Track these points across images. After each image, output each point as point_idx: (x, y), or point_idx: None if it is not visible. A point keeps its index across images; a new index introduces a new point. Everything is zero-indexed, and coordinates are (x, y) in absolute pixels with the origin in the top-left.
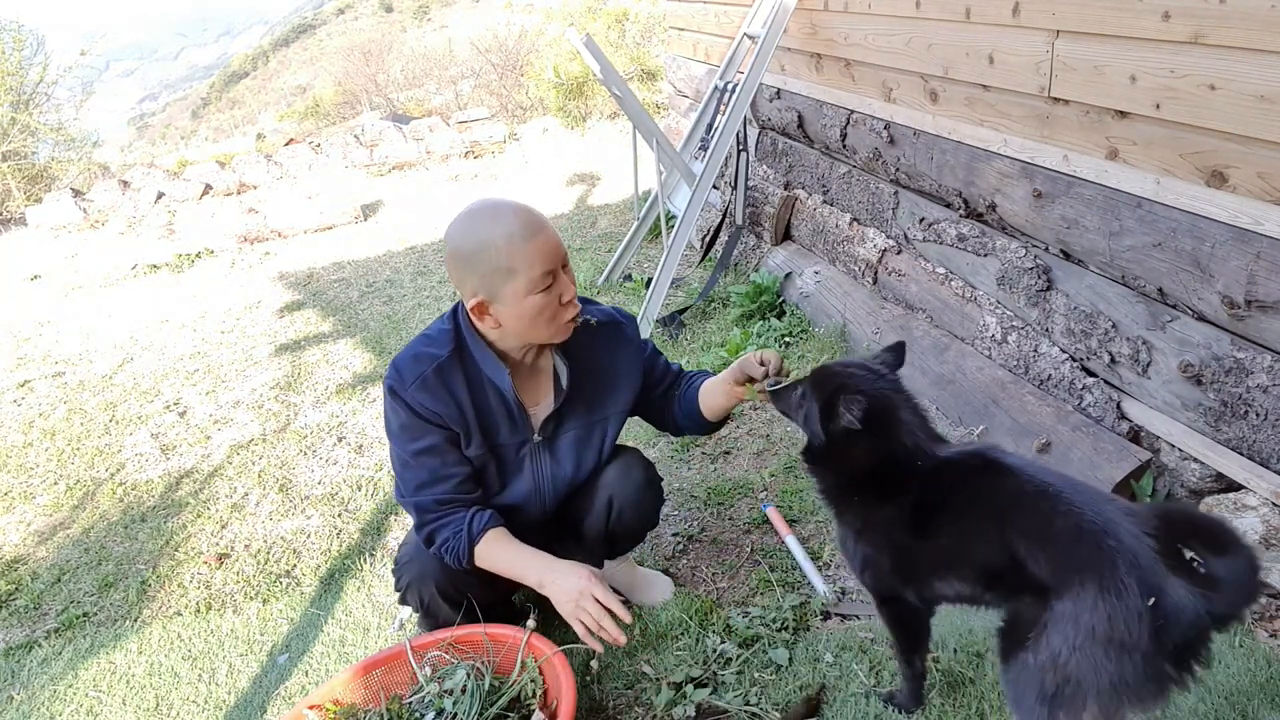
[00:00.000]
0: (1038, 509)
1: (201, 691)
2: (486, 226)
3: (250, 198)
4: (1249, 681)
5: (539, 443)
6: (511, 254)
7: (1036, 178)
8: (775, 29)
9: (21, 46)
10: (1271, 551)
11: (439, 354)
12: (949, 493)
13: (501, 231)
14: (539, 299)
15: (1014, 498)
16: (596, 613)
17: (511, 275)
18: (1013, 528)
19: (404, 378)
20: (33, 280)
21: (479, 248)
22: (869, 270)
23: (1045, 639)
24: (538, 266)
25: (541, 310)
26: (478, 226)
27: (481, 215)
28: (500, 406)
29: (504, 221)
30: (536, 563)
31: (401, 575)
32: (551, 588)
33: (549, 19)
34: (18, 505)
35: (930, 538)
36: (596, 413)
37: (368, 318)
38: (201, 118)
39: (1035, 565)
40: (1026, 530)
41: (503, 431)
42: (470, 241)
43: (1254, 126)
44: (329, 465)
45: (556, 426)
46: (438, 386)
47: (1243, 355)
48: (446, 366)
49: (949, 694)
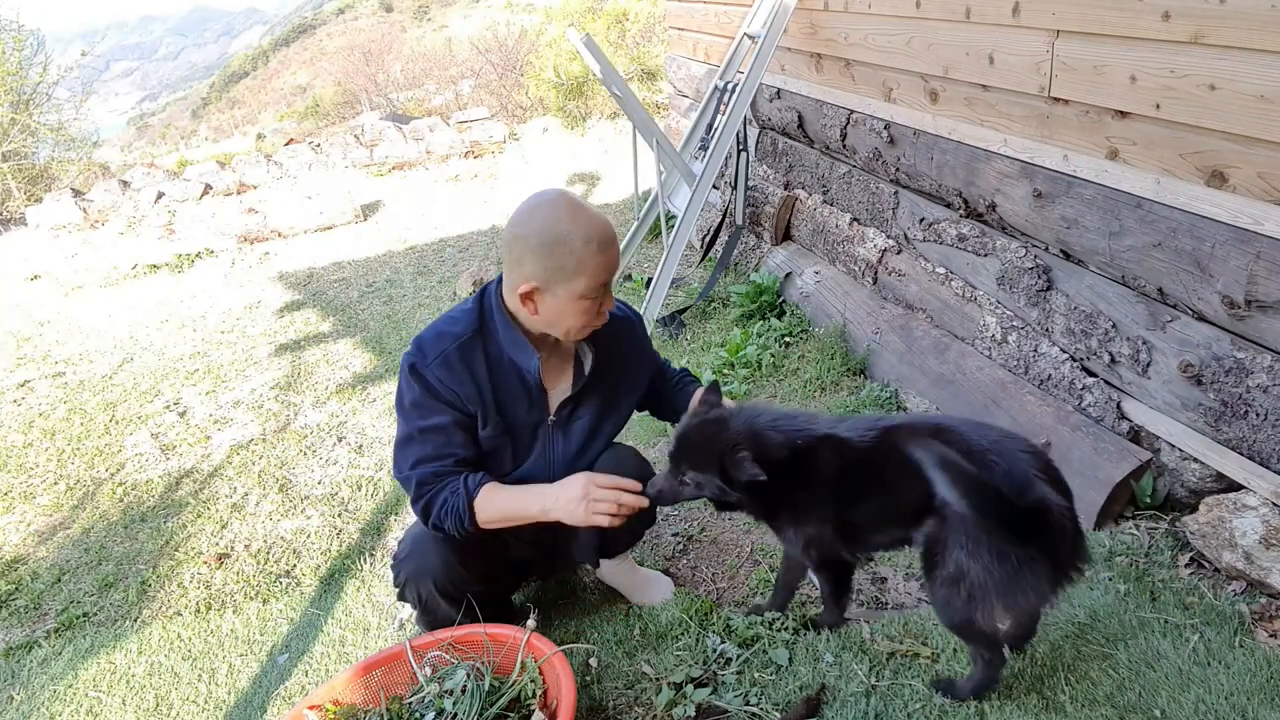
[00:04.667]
0: (945, 442)
1: (201, 691)
2: (568, 223)
3: (250, 198)
4: (1249, 681)
5: (553, 424)
6: (584, 257)
7: (1036, 178)
8: (775, 29)
9: (21, 46)
10: (1271, 551)
11: (462, 333)
12: (866, 466)
13: (582, 233)
14: (587, 304)
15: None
16: (610, 498)
17: (575, 276)
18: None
19: (426, 354)
20: (33, 280)
21: (555, 241)
22: (869, 270)
23: (949, 549)
24: (600, 276)
25: (584, 314)
26: (560, 220)
27: (563, 209)
28: (520, 387)
29: (585, 224)
30: (533, 494)
31: (400, 570)
32: (556, 508)
33: (549, 19)
34: (18, 505)
35: (862, 503)
36: (610, 401)
37: (368, 318)
38: (201, 118)
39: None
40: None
41: (520, 412)
42: (549, 232)
43: (1254, 126)
44: (329, 465)
45: (572, 410)
46: (459, 364)
47: (1243, 355)
48: (469, 345)
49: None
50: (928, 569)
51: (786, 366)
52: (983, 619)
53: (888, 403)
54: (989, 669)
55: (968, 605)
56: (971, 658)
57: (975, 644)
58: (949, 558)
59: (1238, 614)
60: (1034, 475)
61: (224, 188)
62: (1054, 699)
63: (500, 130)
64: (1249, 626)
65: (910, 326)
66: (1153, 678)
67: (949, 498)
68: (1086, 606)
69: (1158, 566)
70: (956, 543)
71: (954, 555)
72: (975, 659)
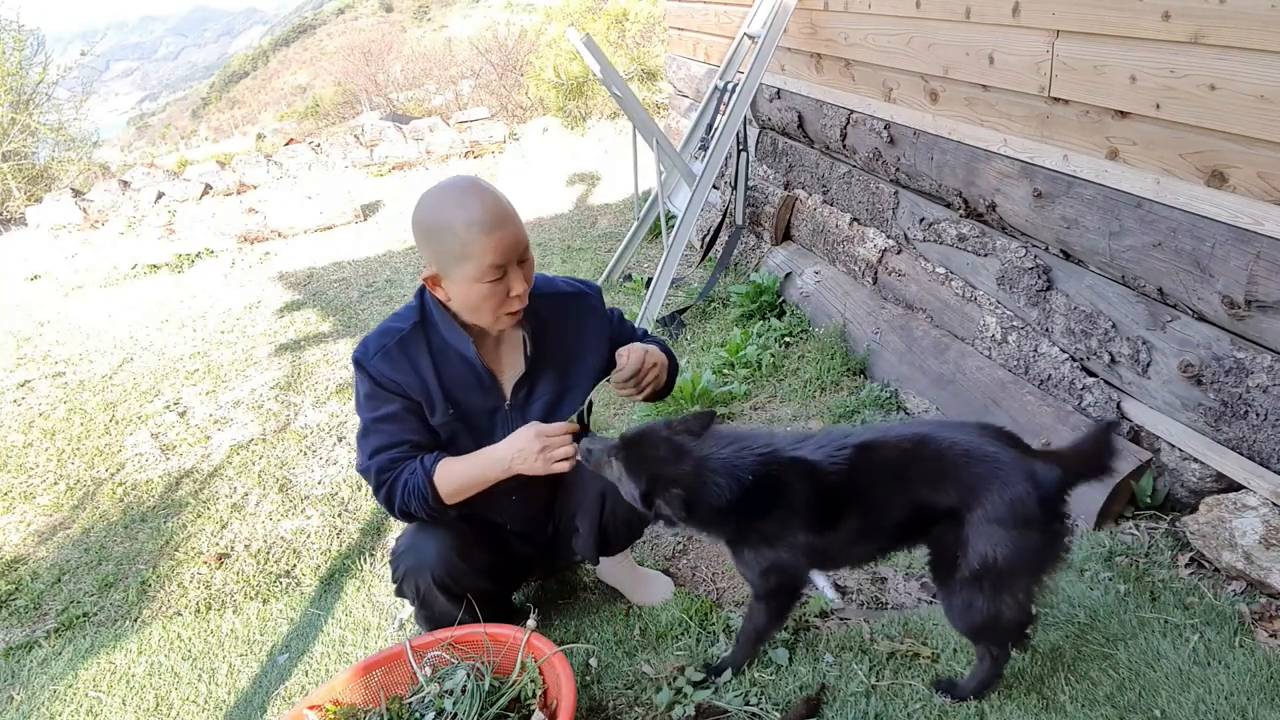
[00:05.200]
0: (925, 456)
1: (201, 691)
2: (452, 207)
3: (250, 198)
4: (1249, 681)
5: (510, 408)
6: (467, 241)
7: (1036, 178)
8: (775, 29)
9: (21, 46)
10: (1271, 551)
11: (402, 327)
12: (842, 485)
13: (463, 216)
14: (485, 288)
15: (903, 458)
16: (564, 443)
17: (464, 260)
18: (913, 481)
19: (369, 349)
20: (33, 280)
21: (439, 226)
22: (869, 270)
23: (971, 547)
24: (488, 258)
25: (486, 299)
26: (444, 205)
27: (449, 194)
28: (469, 374)
29: (468, 207)
30: (488, 457)
31: (398, 565)
32: (516, 462)
33: (549, 19)
34: (18, 505)
35: (839, 524)
36: (565, 378)
37: (368, 318)
38: (201, 118)
39: (945, 497)
40: (926, 477)
41: (474, 398)
42: (434, 218)
43: (1254, 126)
44: (329, 465)
45: (528, 393)
46: (399, 357)
47: (1243, 355)
48: (409, 339)
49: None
50: (943, 576)
51: (786, 366)
52: (1011, 606)
53: (888, 403)
54: (995, 666)
55: (995, 598)
56: (979, 656)
57: (988, 641)
58: (970, 557)
59: (1238, 614)
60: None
61: (224, 188)
62: (1054, 699)
63: (500, 130)
64: (1249, 626)
65: (910, 326)
66: (1153, 678)
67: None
68: (1086, 606)
69: (1158, 566)
70: (979, 539)
71: (976, 552)
72: (983, 657)
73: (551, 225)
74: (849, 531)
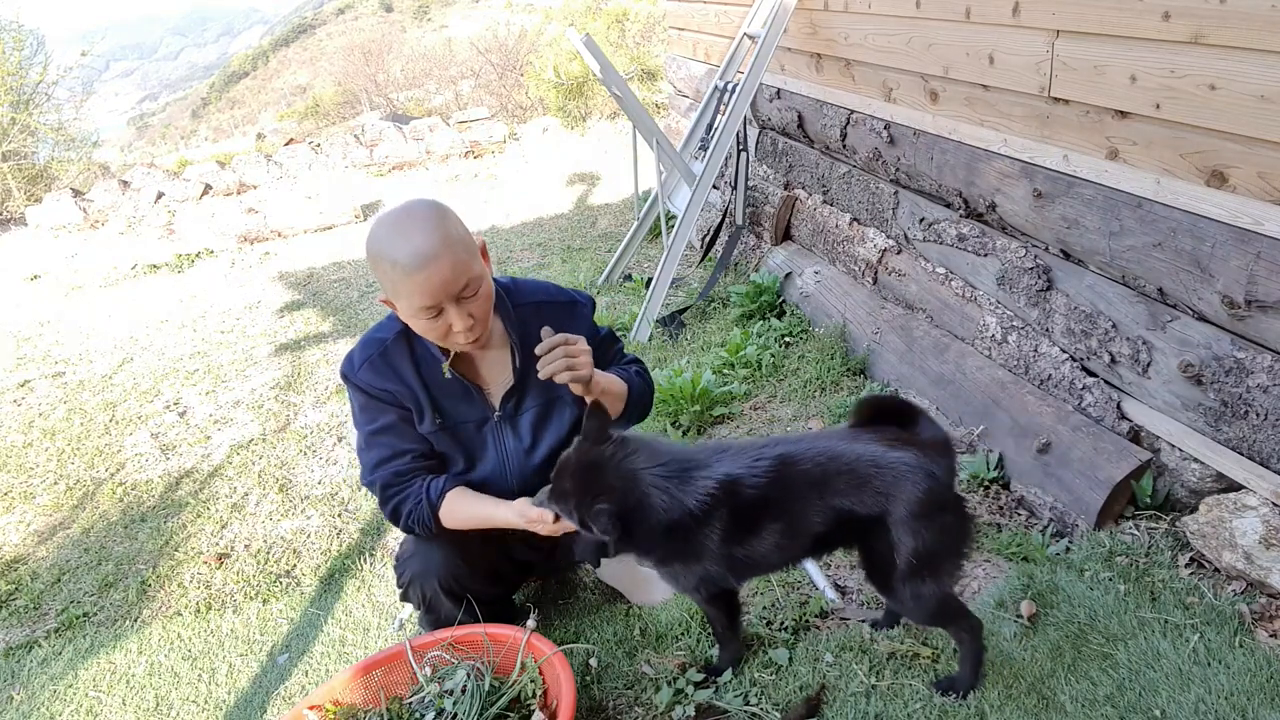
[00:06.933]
0: (840, 469)
1: (201, 691)
2: (388, 241)
3: (250, 198)
4: (1249, 681)
5: (500, 419)
6: (396, 279)
7: (1036, 178)
8: (775, 29)
9: (21, 46)
10: (1271, 551)
11: (385, 338)
12: (762, 500)
13: (389, 255)
14: (424, 323)
15: (819, 472)
16: (547, 519)
17: (398, 297)
18: (833, 494)
19: (354, 362)
20: (33, 280)
21: (375, 257)
22: (869, 270)
23: (902, 545)
24: (416, 299)
25: (428, 332)
26: (381, 237)
27: (387, 226)
28: (454, 383)
29: (397, 246)
30: (496, 513)
31: (404, 571)
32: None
33: (549, 19)
34: (18, 505)
35: (760, 536)
36: (553, 390)
37: (368, 318)
38: (201, 118)
39: (864, 505)
40: (843, 488)
41: (461, 408)
42: (372, 248)
43: (1254, 126)
44: (329, 465)
45: (517, 404)
46: (384, 367)
47: (1243, 355)
48: (393, 348)
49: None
50: (883, 580)
51: (786, 366)
52: (950, 583)
53: None
54: (974, 638)
55: (937, 581)
56: (956, 640)
57: (951, 621)
58: (904, 554)
59: (1238, 614)
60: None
61: (224, 188)
62: (1054, 699)
63: (500, 130)
64: (1249, 626)
65: (910, 326)
66: (1153, 678)
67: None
68: (1086, 606)
69: (1158, 566)
70: (906, 536)
71: (907, 547)
72: (959, 638)
73: (551, 225)
74: (771, 541)
